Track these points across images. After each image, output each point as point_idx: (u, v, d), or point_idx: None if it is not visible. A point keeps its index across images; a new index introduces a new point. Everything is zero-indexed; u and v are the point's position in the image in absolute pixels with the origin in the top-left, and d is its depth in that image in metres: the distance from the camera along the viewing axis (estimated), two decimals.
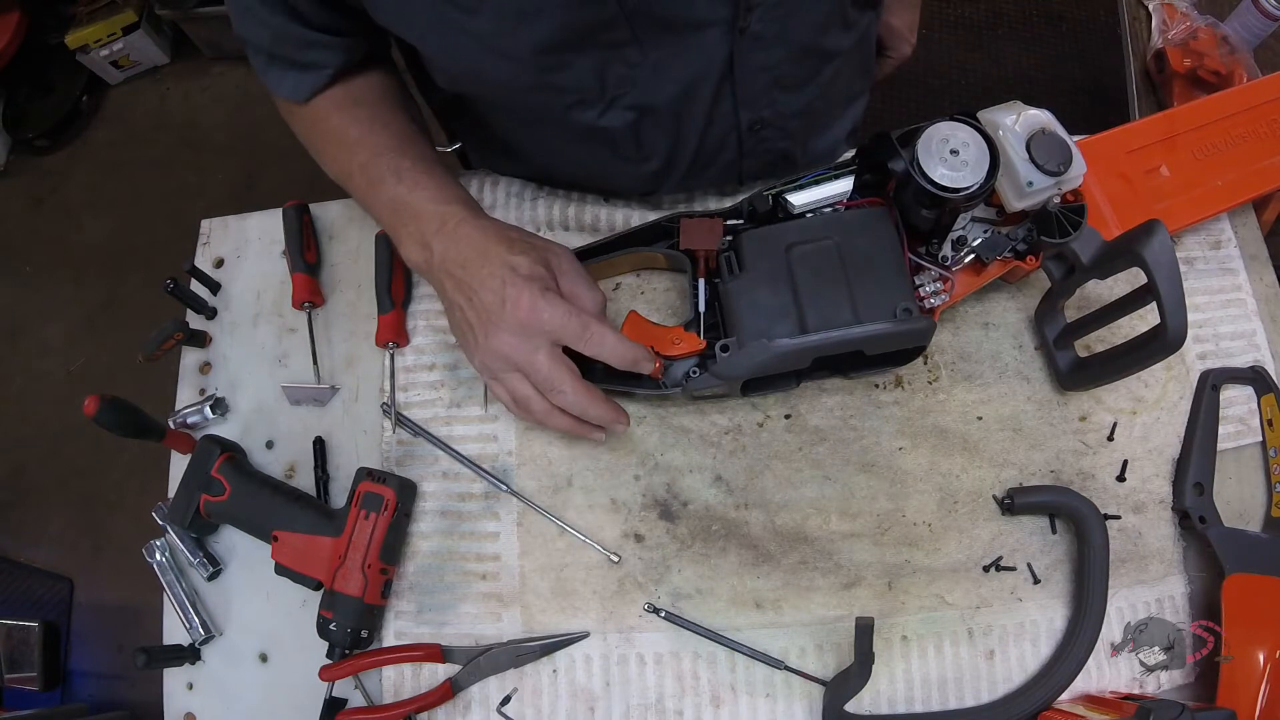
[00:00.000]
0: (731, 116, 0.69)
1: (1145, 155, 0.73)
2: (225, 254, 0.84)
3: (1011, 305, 0.74)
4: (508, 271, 0.58)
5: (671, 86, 0.63)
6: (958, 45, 2.20)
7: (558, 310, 0.58)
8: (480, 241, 0.60)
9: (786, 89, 0.69)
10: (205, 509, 0.69)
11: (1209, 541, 0.65)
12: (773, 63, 0.65)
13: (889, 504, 0.68)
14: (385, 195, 0.64)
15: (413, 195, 0.63)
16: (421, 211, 0.62)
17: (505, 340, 0.59)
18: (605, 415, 0.62)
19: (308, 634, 0.66)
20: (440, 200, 0.63)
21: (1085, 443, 0.70)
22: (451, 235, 0.61)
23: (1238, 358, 0.73)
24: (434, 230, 0.61)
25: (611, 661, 0.66)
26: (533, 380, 0.60)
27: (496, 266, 0.59)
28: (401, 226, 0.64)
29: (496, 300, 0.58)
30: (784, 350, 0.61)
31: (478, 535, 0.70)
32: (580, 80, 0.60)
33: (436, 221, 0.62)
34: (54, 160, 2.32)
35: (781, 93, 0.69)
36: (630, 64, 0.60)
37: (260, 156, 2.21)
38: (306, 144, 0.71)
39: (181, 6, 2.18)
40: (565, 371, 0.60)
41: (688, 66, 0.62)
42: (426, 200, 0.63)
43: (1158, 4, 1.12)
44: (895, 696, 0.64)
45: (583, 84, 0.61)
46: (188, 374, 0.80)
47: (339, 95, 0.67)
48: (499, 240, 0.60)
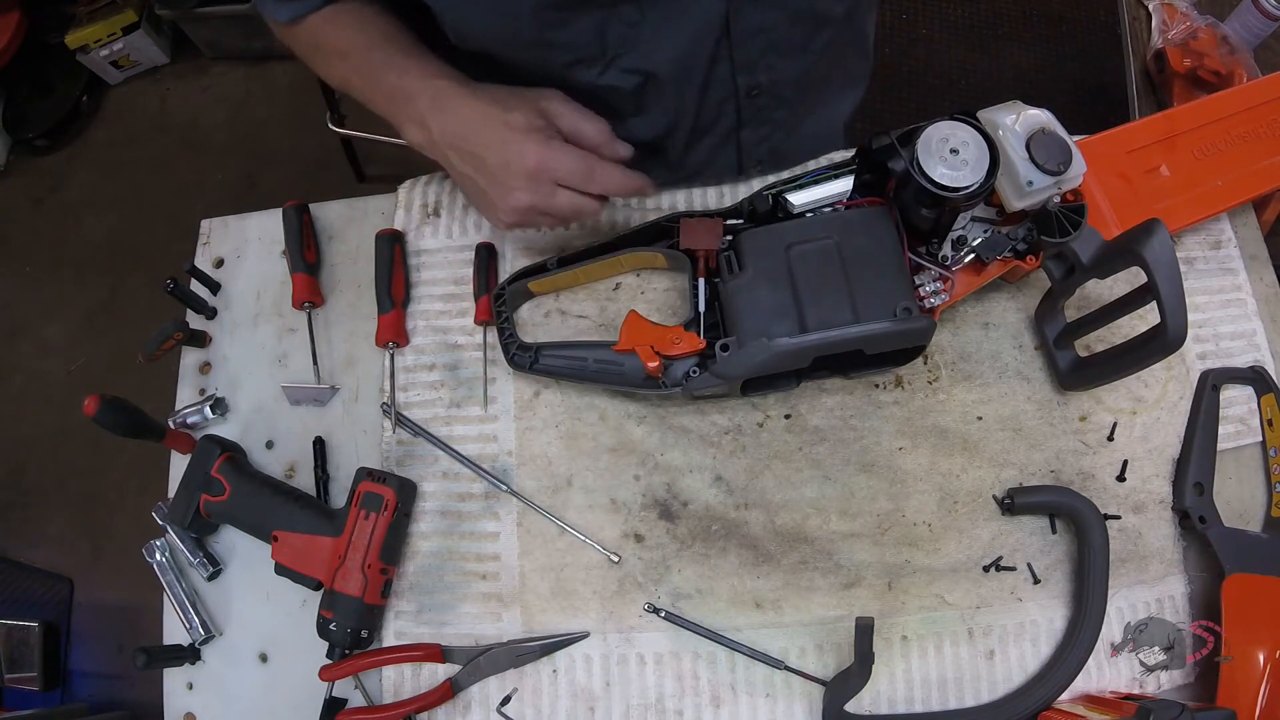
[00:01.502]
0: (729, 81, 0.70)
1: (1145, 155, 0.73)
2: (225, 254, 0.84)
3: (1011, 305, 0.74)
4: (506, 131, 0.61)
5: (669, 46, 0.65)
6: (958, 45, 2.20)
7: (565, 157, 0.61)
8: (474, 108, 0.62)
9: (782, 54, 0.70)
10: (205, 509, 0.69)
11: (1209, 541, 0.65)
12: (768, 24, 0.66)
13: (889, 504, 0.68)
14: (381, 88, 0.66)
15: (403, 80, 0.65)
16: (413, 91, 0.64)
17: (520, 197, 0.62)
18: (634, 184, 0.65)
19: (308, 634, 0.66)
20: (428, 76, 0.64)
21: (1085, 443, 0.70)
22: (445, 108, 0.63)
23: (1238, 358, 0.73)
24: (428, 107, 0.63)
25: (611, 661, 0.66)
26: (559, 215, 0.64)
27: (495, 128, 0.61)
28: (399, 111, 0.66)
29: (502, 161, 0.61)
30: (784, 350, 0.61)
31: (478, 535, 0.70)
32: (580, 38, 0.62)
33: (428, 98, 0.63)
34: (54, 160, 2.32)
35: (778, 58, 0.70)
36: (629, 23, 0.62)
37: (260, 156, 2.21)
38: (307, 61, 0.73)
39: (181, 6, 2.17)
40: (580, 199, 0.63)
41: (685, 26, 0.63)
42: (415, 80, 0.64)
43: (1158, 4, 1.12)
44: (895, 696, 0.64)
45: (583, 42, 0.63)
46: (188, 374, 0.80)
47: (328, 12, 0.69)
48: (491, 102, 0.62)
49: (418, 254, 0.79)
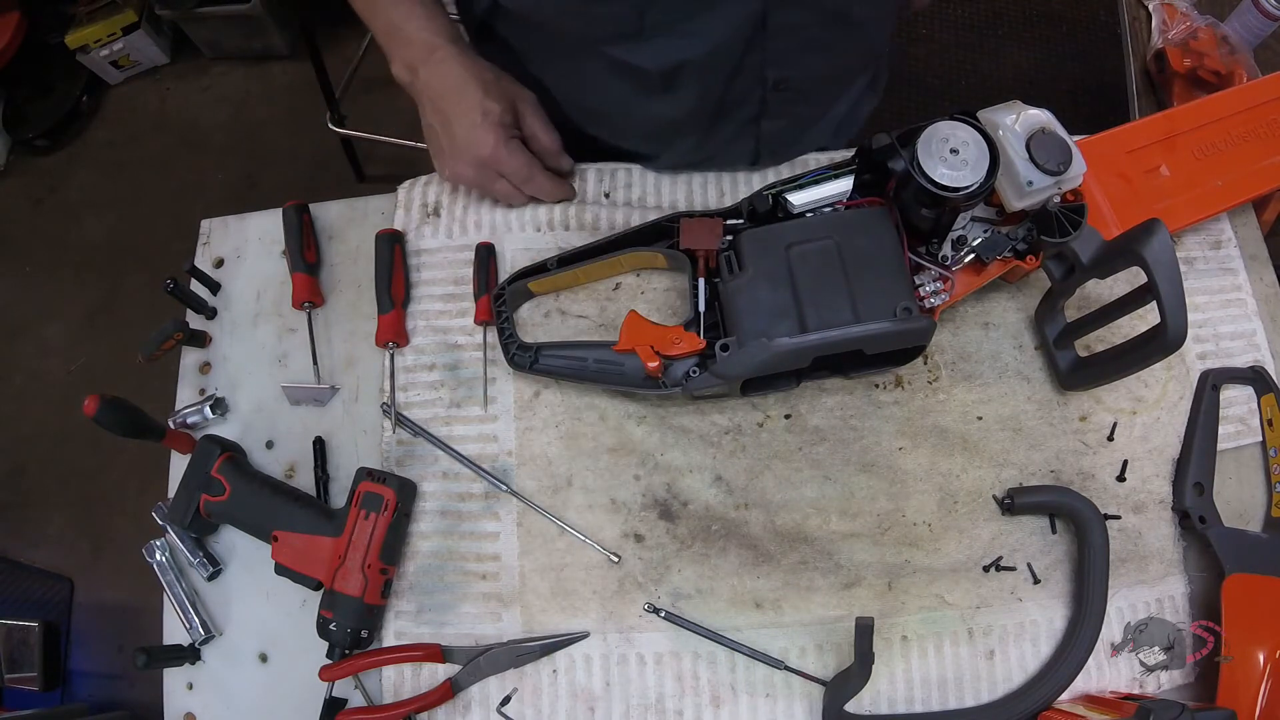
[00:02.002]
0: (759, 71, 0.71)
1: (1145, 155, 0.73)
2: (225, 254, 0.84)
3: (1011, 305, 0.74)
4: (479, 114, 0.69)
5: (706, 33, 0.66)
6: (958, 45, 2.20)
7: (514, 158, 0.71)
8: (461, 78, 0.69)
9: (812, 51, 0.71)
10: (205, 509, 0.69)
11: (1209, 541, 0.65)
12: (804, 22, 0.67)
13: (889, 504, 0.68)
14: (382, 17, 0.70)
15: (406, 23, 0.69)
16: (413, 38, 0.69)
17: (466, 171, 0.72)
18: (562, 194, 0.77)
19: (308, 634, 0.66)
20: (430, 30, 0.69)
21: (1085, 443, 0.70)
22: (436, 66, 0.69)
23: (1238, 358, 0.73)
24: (421, 58, 0.69)
25: (611, 661, 0.66)
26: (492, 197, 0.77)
27: (471, 106, 0.69)
28: (393, 48, 0.71)
29: (465, 135, 0.70)
30: (784, 349, 0.61)
31: (478, 535, 0.70)
32: (621, 14, 0.64)
33: (425, 50, 0.69)
34: (54, 160, 2.32)
35: (807, 54, 0.71)
36: (668, 8, 0.64)
37: (260, 156, 2.21)
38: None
39: (181, 6, 2.17)
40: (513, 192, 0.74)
41: (725, 16, 0.65)
42: (417, 29, 0.69)
43: (1158, 4, 1.12)
44: (895, 696, 0.64)
45: (623, 18, 0.65)
46: (188, 374, 0.80)
47: None
48: (477, 82, 0.69)
49: (418, 254, 0.79)
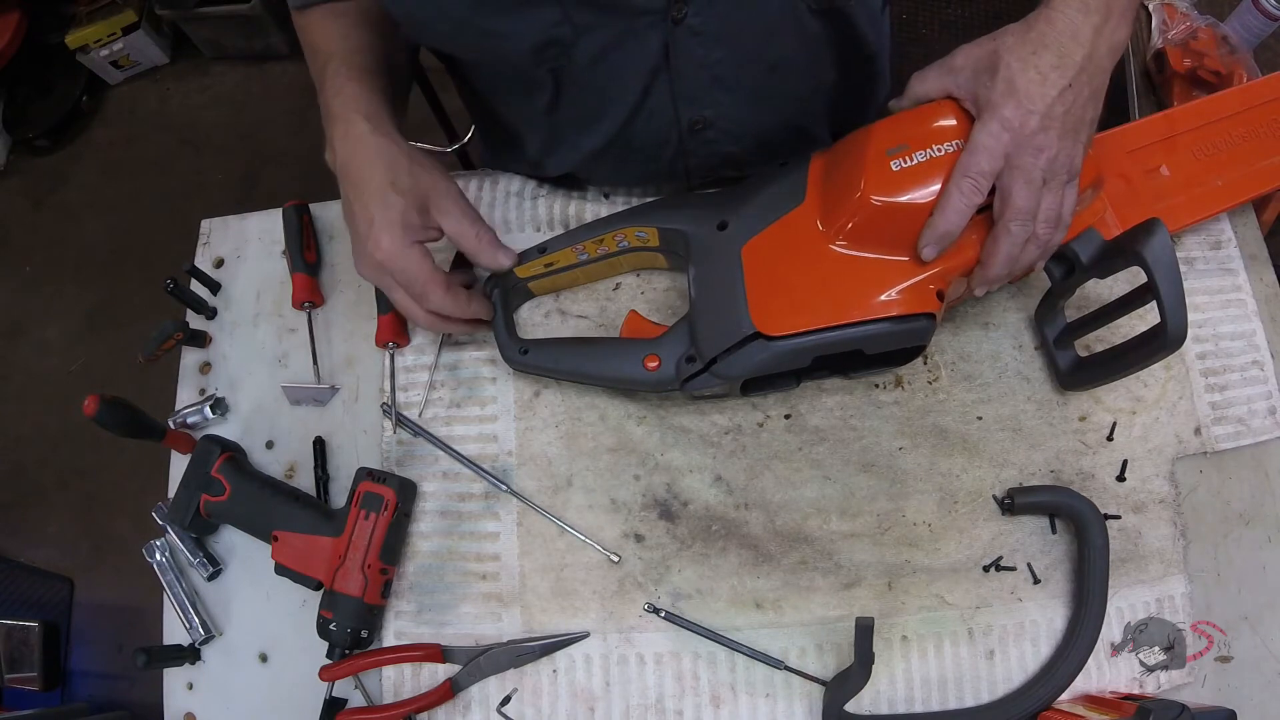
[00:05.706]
0: (670, 110, 0.69)
1: (1145, 155, 0.73)
2: (225, 254, 0.84)
3: (1011, 305, 0.74)
4: (380, 209, 0.62)
5: (606, 70, 0.65)
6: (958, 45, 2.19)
7: (407, 268, 0.63)
8: (368, 164, 0.63)
9: (729, 90, 0.68)
10: (205, 509, 0.69)
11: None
12: (712, 60, 0.65)
13: (889, 504, 0.68)
14: (323, 98, 0.67)
15: (334, 100, 0.65)
16: (335, 114, 0.65)
17: (368, 270, 0.65)
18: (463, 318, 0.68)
19: (308, 634, 0.67)
20: (352, 108, 0.64)
21: (1085, 443, 0.70)
22: (352, 146, 0.63)
23: (1237, 357, 0.72)
24: (339, 135, 0.64)
25: (611, 661, 0.66)
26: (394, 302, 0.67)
27: (372, 200, 0.62)
28: (326, 125, 0.67)
29: (365, 234, 0.63)
30: (784, 349, 0.61)
31: (478, 535, 0.70)
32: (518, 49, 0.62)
33: (343, 127, 0.64)
34: (54, 160, 2.32)
35: (724, 93, 0.69)
36: (564, 44, 0.61)
37: (260, 156, 2.21)
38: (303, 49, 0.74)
39: (181, 6, 2.17)
40: (413, 307, 0.66)
41: (625, 54, 0.63)
42: (341, 105, 0.65)
43: (1157, 4, 1.12)
44: (895, 696, 0.64)
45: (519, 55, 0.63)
46: (188, 374, 0.80)
47: (331, 8, 0.70)
48: (385, 171, 0.62)
49: None
